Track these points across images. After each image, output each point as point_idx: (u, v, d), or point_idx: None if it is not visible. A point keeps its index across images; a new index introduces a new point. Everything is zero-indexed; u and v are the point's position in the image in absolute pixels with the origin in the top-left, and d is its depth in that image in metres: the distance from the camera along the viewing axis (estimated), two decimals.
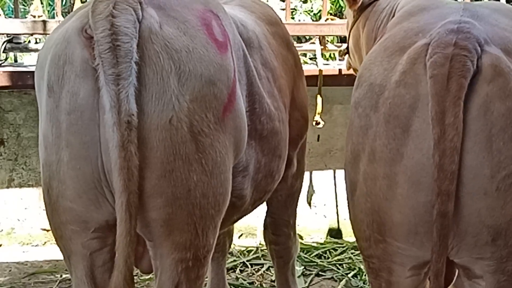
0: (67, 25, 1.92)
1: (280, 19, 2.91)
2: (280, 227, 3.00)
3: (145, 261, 2.06)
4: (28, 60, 4.76)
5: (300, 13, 6.69)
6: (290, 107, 2.66)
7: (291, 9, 6.02)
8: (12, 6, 4.27)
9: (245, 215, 2.43)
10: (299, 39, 5.34)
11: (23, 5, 7.63)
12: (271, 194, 2.68)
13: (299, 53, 4.50)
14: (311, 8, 6.73)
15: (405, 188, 1.84)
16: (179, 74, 1.85)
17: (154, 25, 1.85)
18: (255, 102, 2.22)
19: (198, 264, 1.99)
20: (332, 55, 5.13)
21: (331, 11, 6.37)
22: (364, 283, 3.68)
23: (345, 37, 3.44)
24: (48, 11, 6.93)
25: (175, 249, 1.94)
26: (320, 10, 4.74)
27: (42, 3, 6.72)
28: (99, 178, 1.87)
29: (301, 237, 4.40)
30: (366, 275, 2.12)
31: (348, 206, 2.10)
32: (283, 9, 4.69)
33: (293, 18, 6.43)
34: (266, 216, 3.03)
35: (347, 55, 3.39)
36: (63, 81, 1.85)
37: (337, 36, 4.88)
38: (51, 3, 7.14)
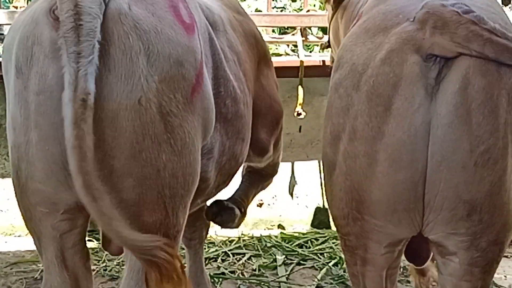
0: (34, 6, 1.92)
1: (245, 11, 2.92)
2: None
3: (114, 243, 2.07)
4: None
5: (289, 11, 6.68)
6: (261, 95, 2.67)
7: (280, 8, 6.02)
8: None
9: (209, 199, 2.43)
10: (286, 31, 5.33)
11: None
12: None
13: (282, 44, 4.52)
14: (301, 7, 6.72)
15: (385, 165, 1.85)
16: (148, 55, 1.85)
17: (123, 6, 1.85)
18: (220, 85, 2.23)
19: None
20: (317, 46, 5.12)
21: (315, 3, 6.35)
22: (344, 271, 3.68)
23: (327, 28, 3.44)
24: None
25: (146, 229, 1.94)
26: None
27: None
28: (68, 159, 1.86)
29: (283, 227, 4.42)
30: (343, 253, 2.13)
31: (325, 186, 2.11)
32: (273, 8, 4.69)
33: None
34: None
35: (329, 48, 3.39)
36: (31, 62, 1.85)
37: (322, 28, 4.88)
38: None
